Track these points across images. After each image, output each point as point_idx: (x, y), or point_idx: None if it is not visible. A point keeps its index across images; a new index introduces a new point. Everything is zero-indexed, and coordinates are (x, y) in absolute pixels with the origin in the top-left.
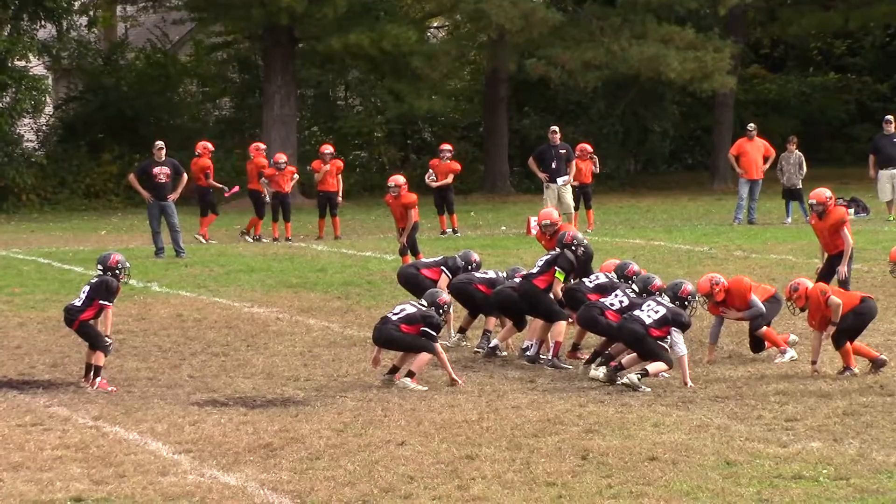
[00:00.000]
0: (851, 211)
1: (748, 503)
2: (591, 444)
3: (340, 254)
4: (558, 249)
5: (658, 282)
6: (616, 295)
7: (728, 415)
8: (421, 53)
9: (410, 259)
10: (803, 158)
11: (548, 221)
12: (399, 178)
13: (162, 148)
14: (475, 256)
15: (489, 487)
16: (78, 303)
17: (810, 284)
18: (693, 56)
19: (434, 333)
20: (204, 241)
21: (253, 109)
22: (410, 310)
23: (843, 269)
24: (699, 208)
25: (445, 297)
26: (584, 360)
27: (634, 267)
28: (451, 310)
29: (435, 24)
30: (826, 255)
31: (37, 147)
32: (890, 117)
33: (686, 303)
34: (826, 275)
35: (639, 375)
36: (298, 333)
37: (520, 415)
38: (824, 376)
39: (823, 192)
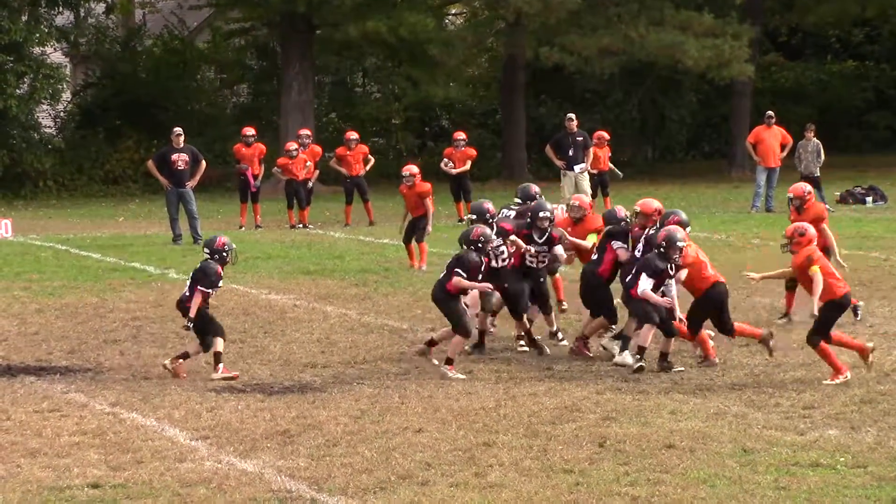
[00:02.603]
0: (869, 199)
1: (765, 491)
2: (608, 431)
3: (358, 241)
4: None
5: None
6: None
7: (745, 402)
8: (438, 40)
9: (415, 248)
10: (821, 146)
11: (576, 203)
12: (413, 168)
13: (180, 134)
14: (488, 204)
15: (506, 474)
16: (187, 293)
17: (815, 236)
18: (711, 44)
19: (464, 274)
20: (242, 228)
21: (270, 96)
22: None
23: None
24: (717, 196)
25: (485, 229)
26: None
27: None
28: (492, 240)
29: (453, 11)
30: None
31: (55, 133)
32: None
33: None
34: None
35: (625, 348)
36: (316, 320)
37: (537, 402)
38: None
39: (802, 187)
